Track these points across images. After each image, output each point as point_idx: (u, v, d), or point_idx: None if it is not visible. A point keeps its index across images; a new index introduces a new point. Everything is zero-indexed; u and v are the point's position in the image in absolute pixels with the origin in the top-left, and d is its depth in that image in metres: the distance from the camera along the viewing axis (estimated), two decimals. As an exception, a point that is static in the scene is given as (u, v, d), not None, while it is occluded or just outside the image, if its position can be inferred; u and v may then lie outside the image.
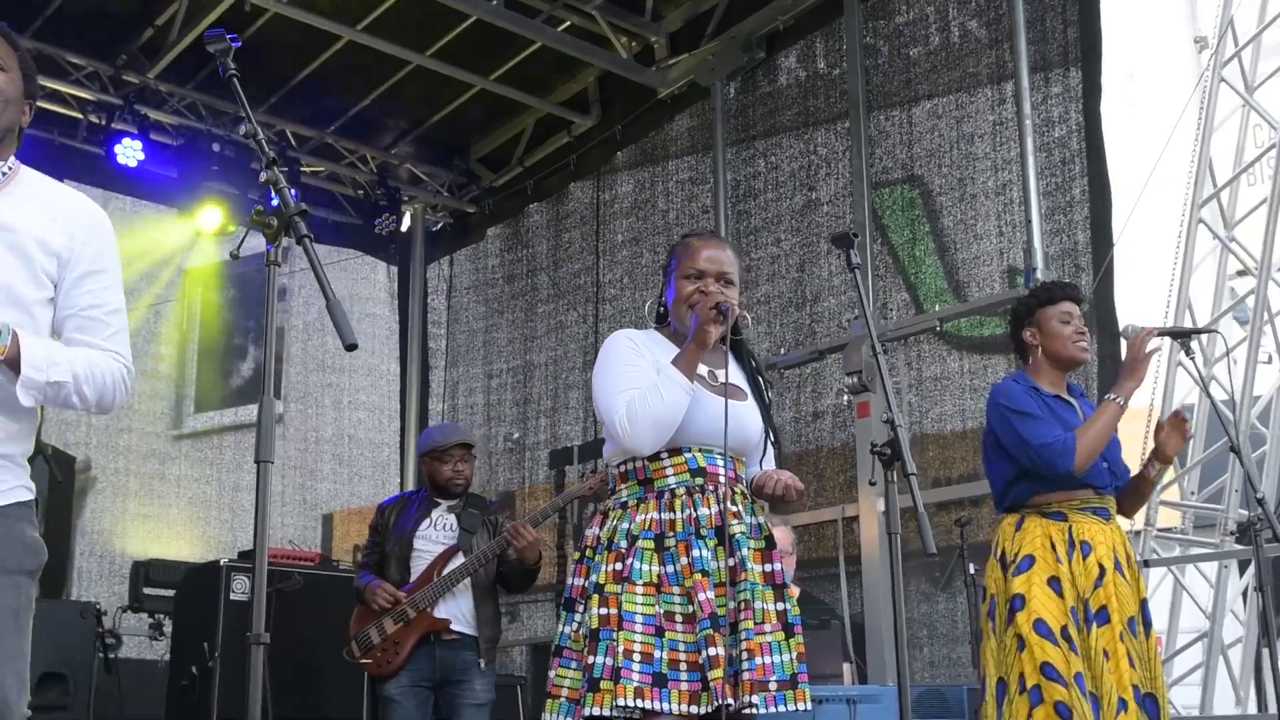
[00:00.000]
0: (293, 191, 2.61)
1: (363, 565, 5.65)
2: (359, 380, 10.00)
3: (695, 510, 3.23)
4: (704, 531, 3.22)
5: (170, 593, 7.23)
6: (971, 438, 6.56)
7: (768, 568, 3.30)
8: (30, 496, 2.76)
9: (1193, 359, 4.22)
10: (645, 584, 3.17)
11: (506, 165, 9.73)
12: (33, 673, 2.69)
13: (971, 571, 5.61)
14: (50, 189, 2.82)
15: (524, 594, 8.47)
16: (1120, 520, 4.30)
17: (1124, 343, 4.31)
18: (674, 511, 3.25)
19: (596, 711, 3.08)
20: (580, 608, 3.25)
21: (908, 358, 7.03)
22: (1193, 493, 6.73)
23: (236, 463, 9.61)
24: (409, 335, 9.96)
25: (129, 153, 8.30)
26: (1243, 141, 6.98)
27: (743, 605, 3.16)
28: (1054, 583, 4.14)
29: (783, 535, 5.35)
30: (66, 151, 8.57)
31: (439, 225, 10.32)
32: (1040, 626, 4.08)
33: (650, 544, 3.22)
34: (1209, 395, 4.37)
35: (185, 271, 11.98)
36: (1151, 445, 4.29)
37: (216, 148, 8.56)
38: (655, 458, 3.30)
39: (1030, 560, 4.17)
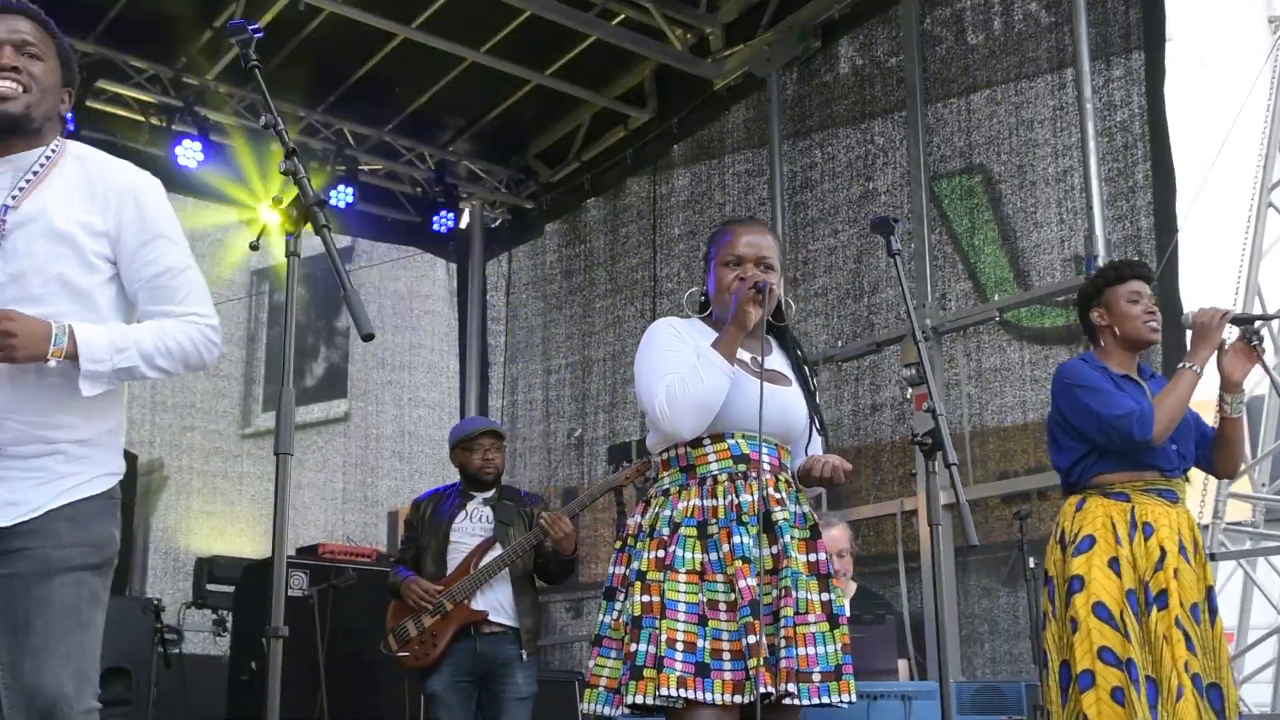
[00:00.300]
0: (353, 189, 2.61)
1: (398, 559, 5.66)
2: (419, 378, 10.05)
3: (737, 497, 3.19)
4: (746, 518, 3.17)
5: (232, 589, 7.31)
6: (1033, 430, 6.43)
7: (812, 557, 3.25)
8: (111, 485, 2.78)
9: (1258, 347, 4.07)
10: (688, 572, 3.14)
11: (563, 161, 9.71)
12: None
13: (1031, 565, 5.49)
14: (94, 165, 2.82)
15: (576, 589, 8.51)
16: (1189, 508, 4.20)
17: (1188, 332, 4.20)
18: (716, 498, 3.21)
19: (639, 699, 3.06)
20: (621, 596, 3.23)
21: (967, 349, 6.90)
22: (1263, 485, 6.56)
23: (299, 459, 9.70)
24: (468, 332, 9.98)
25: (189, 154, 8.38)
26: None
27: (784, 593, 3.12)
28: (1114, 564, 4.03)
29: (840, 534, 5.27)
30: (130, 154, 8.65)
31: (497, 222, 10.33)
32: (1100, 609, 3.98)
33: (693, 531, 3.19)
34: (1276, 385, 4.22)
35: (253, 272, 12.13)
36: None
37: (274, 147, 8.61)
38: (697, 444, 3.27)
39: (1090, 541, 4.07)
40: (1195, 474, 4.37)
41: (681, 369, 3.22)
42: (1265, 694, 6.26)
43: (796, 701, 3.06)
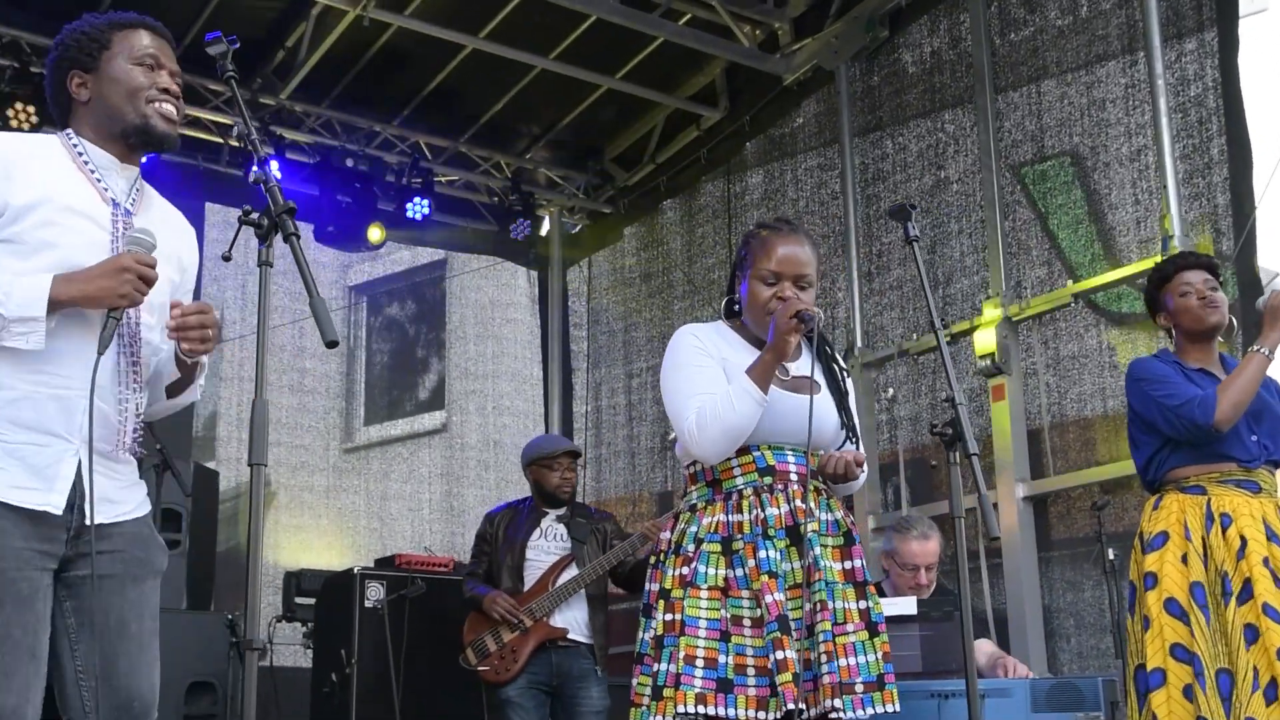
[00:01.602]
0: (429, 201, 2.65)
1: (470, 574, 5.72)
2: (503, 386, 10.10)
3: (763, 511, 3.14)
4: (772, 532, 3.12)
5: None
6: (1113, 418, 6.25)
7: (847, 565, 3.18)
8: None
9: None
10: (710, 588, 3.09)
11: (639, 163, 9.70)
12: (182, 682, 2.76)
13: (1111, 557, 5.35)
14: (162, 201, 2.96)
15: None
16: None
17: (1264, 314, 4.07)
18: (741, 513, 3.15)
19: None
20: (655, 614, 3.20)
21: (1044, 336, 6.74)
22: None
23: (385, 471, 9.81)
24: (549, 339, 10.01)
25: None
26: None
27: (819, 606, 3.05)
28: (1184, 559, 3.94)
29: (935, 547, 5.17)
30: (212, 176, 8.85)
31: (577, 228, 10.35)
32: (1172, 605, 3.90)
33: (716, 547, 3.14)
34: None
35: (350, 287, 12.30)
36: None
37: (350, 163, 8.73)
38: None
39: (1164, 538, 3.99)
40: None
41: (713, 389, 3.16)
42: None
43: (842, 715, 3.00)
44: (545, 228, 10.23)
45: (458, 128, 9.28)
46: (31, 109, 7.52)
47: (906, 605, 4.73)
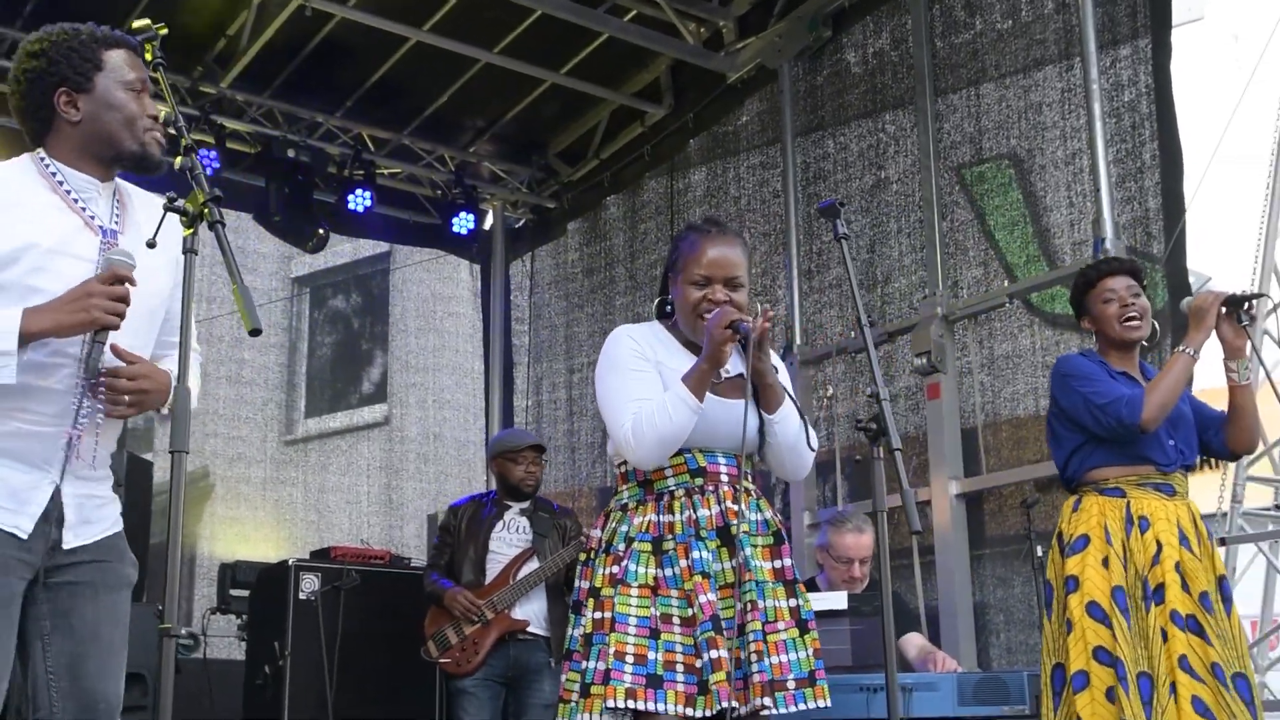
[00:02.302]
0: (371, 193, 2.65)
1: (432, 566, 5.76)
2: (444, 379, 10.09)
3: (695, 512, 3.17)
4: (704, 533, 3.15)
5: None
6: (1045, 417, 6.32)
7: (777, 564, 3.22)
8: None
9: (1248, 327, 4.00)
10: (640, 586, 3.12)
11: (583, 159, 9.70)
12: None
13: (1040, 553, 5.42)
14: (143, 196, 2.93)
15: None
16: (1198, 497, 4.14)
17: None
18: (673, 514, 3.18)
19: (587, 718, 3.06)
20: (585, 612, 3.22)
21: (979, 336, 6.82)
22: (1285, 467, 6.43)
23: (323, 464, 9.77)
24: (491, 333, 9.98)
25: (207, 163, 8.44)
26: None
27: (750, 606, 3.09)
28: (1106, 563, 4.00)
29: (869, 540, 5.21)
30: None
31: (520, 222, 10.33)
32: (1094, 609, 3.95)
33: (647, 546, 3.17)
34: (1263, 363, 4.14)
35: (293, 279, 12.22)
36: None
37: (291, 153, 8.66)
38: None
39: (1085, 540, 4.04)
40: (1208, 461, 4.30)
41: (647, 394, 3.18)
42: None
43: (773, 711, 3.04)
44: (488, 222, 10.20)
45: (401, 120, 9.24)
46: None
47: (837, 600, 4.78)
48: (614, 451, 3.35)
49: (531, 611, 5.59)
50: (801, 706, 3.11)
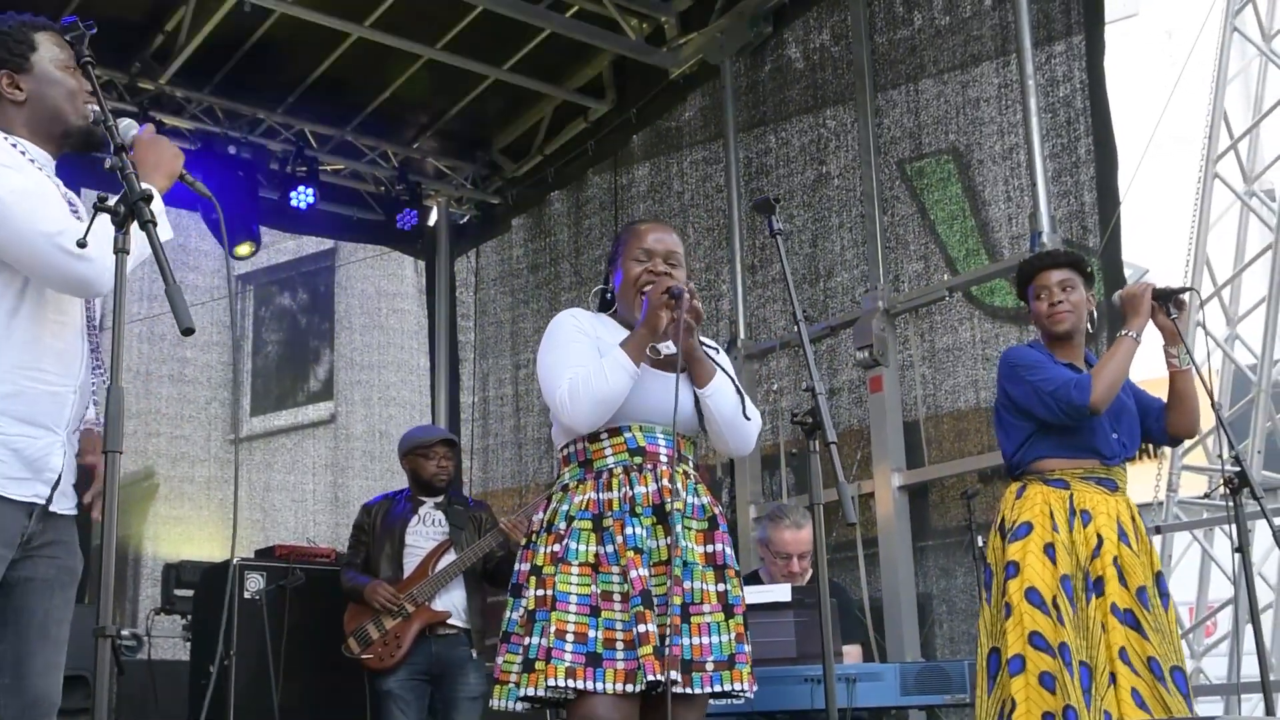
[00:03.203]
0: (314, 190, 2.66)
1: (348, 564, 5.74)
2: (390, 376, 10.05)
3: (631, 489, 3.22)
4: (639, 510, 3.20)
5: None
6: (985, 411, 6.42)
7: (710, 549, 3.28)
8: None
9: (1177, 320, 4.08)
10: (581, 564, 3.17)
11: (527, 154, 9.69)
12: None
13: (980, 545, 5.49)
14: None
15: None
16: (1133, 491, 4.21)
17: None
18: (611, 491, 3.24)
19: (530, 692, 3.11)
20: (526, 592, 3.25)
21: (920, 329, 6.89)
22: (1219, 456, 6.54)
23: (268, 461, 9.71)
24: (437, 329, 9.95)
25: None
26: (1261, 93, 6.77)
27: (674, 582, 3.13)
28: (1049, 550, 4.05)
29: (807, 535, 5.25)
30: (90, 162, 8.64)
31: (465, 218, 10.31)
32: (1032, 595, 3.99)
33: (587, 524, 3.22)
34: (1193, 356, 4.21)
35: (239, 276, 12.12)
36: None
37: (232, 150, 8.60)
38: (595, 438, 3.30)
39: (1028, 527, 4.09)
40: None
41: (585, 361, 3.25)
42: (1223, 667, 6.24)
43: (690, 690, 3.09)
44: (433, 218, 10.17)
45: (344, 116, 9.18)
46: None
47: (781, 593, 4.83)
48: (557, 434, 3.42)
49: (451, 603, 5.57)
50: (717, 689, 3.17)
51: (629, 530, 3.16)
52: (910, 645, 6.28)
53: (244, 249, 8.60)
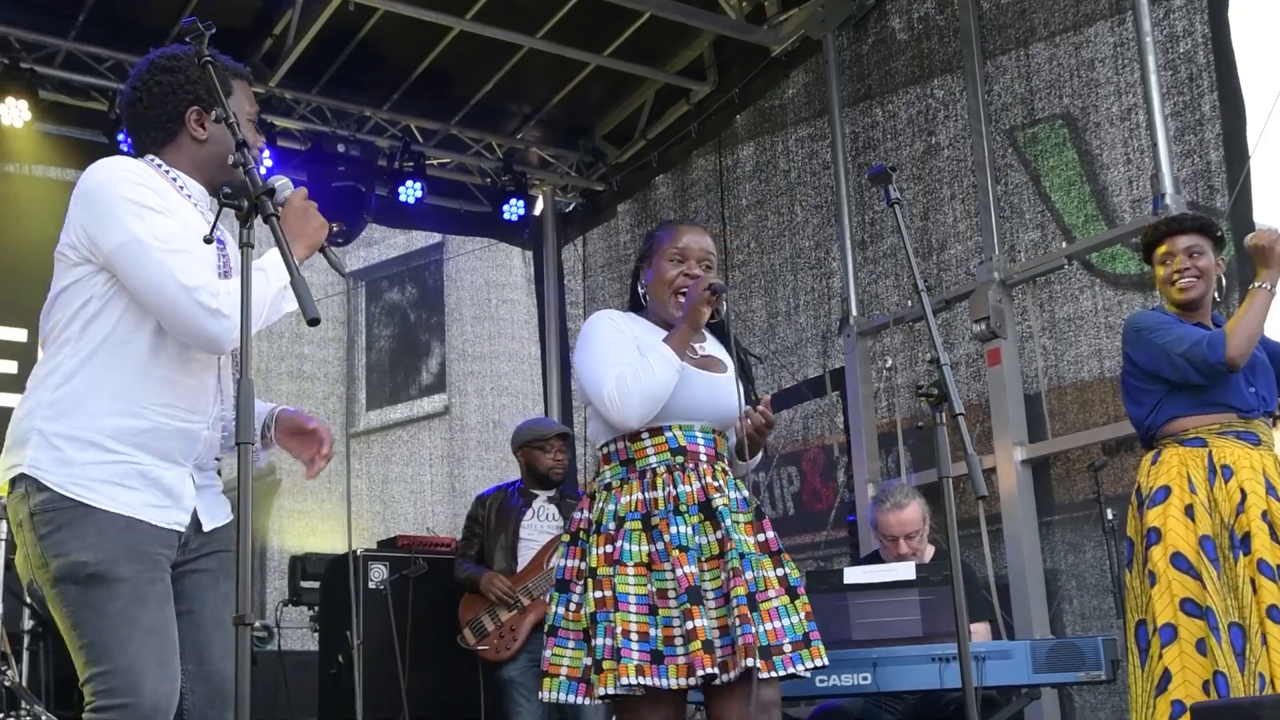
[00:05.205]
0: (421, 184, 2.67)
1: (462, 555, 5.78)
2: (502, 367, 10.11)
3: (675, 488, 3.30)
4: (685, 508, 3.28)
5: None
6: (1110, 380, 6.25)
7: (760, 537, 3.35)
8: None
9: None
10: (636, 564, 3.25)
11: (630, 140, 9.68)
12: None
13: (1110, 518, 5.36)
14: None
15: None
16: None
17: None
18: (656, 490, 3.31)
19: (605, 691, 3.20)
20: (576, 589, 3.35)
21: (1039, 299, 6.72)
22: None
23: (386, 455, 9.83)
24: (546, 318, 9.98)
25: (260, 161, 8.49)
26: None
27: (732, 574, 3.19)
28: (1189, 511, 3.94)
29: (914, 514, 5.18)
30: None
31: (570, 206, 10.33)
32: (1178, 560, 3.89)
33: (638, 524, 3.29)
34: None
35: (352, 273, 12.30)
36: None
37: (342, 148, 8.71)
38: (636, 437, 3.38)
39: (1165, 491, 3.99)
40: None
41: (628, 358, 3.33)
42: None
43: (773, 674, 3.15)
44: (539, 207, 10.21)
45: (448, 110, 9.26)
46: (24, 103, 7.53)
47: (905, 571, 4.76)
48: (594, 432, 3.50)
49: None
50: (799, 668, 3.23)
51: (674, 529, 3.24)
52: (1039, 622, 6.14)
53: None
